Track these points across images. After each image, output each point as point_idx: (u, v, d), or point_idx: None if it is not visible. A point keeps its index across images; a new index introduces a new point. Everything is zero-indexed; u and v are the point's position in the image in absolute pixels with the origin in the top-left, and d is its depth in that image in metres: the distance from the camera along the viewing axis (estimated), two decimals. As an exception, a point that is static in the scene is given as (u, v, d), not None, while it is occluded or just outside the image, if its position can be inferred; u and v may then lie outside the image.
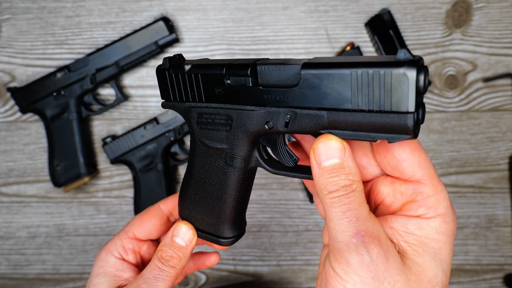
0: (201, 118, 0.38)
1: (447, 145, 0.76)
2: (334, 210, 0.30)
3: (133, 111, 0.75)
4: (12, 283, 0.79)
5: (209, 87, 0.37)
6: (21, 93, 0.72)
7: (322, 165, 0.31)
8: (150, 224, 0.45)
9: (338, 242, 0.30)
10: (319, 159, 0.31)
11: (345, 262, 0.30)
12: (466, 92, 0.74)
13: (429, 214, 0.32)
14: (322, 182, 0.30)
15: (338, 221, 0.30)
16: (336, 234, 0.30)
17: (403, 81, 0.28)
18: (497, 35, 0.73)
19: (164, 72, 0.39)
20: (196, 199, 0.42)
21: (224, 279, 0.79)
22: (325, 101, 0.31)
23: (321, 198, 0.31)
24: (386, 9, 0.72)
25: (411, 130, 0.28)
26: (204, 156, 0.40)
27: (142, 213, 0.45)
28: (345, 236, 0.29)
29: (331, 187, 0.30)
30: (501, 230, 0.77)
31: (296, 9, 0.73)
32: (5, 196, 0.78)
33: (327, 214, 0.30)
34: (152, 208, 0.45)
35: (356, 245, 0.29)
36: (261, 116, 0.34)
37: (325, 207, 0.30)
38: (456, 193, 0.77)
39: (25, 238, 0.79)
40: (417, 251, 0.32)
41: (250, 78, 0.34)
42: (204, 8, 0.73)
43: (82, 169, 0.73)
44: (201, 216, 0.43)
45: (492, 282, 0.78)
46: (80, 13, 0.73)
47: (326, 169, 0.30)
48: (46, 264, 0.79)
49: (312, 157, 0.31)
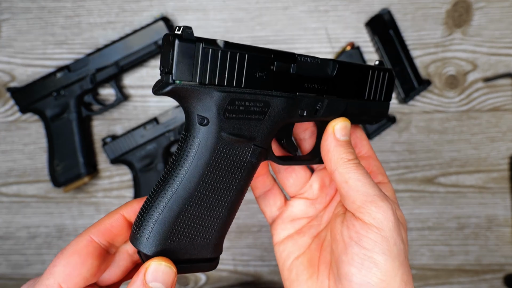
0: (232, 106, 0.33)
1: (448, 145, 0.76)
2: (359, 171, 0.35)
3: (133, 111, 0.75)
4: (12, 283, 0.79)
5: (251, 70, 0.33)
6: (21, 93, 0.72)
7: (341, 139, 0.37)
8: (84, 270, 0.31)
9: (370, 195, 0.34)
10: (338, 135, 0.37)
11: (381, 210, 0.33)
12: (466, 92, 0.74)
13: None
14: (341, 152, 0.36)
15: (365, 179, 0.35)
16: (366, 190, 0.34)
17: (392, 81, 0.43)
18: (497, 35, 0.73)
19: (190, 44, 0.30)
20: (195, 214, 0.33)
21: (224, 279, 0.79)
22: (348, 92, 0.40)
23: (340, 164, 0.36)
24: (386, 9, 0.72)
25: (387, 114, 0.44)
26: (222, 153, 0.33)
27: (67, 254, 0.32)
28: (376, 190, 0.34)
29: (350, 156, 0.36)
30: (501, 230, 0.77)
31: (296, 9, 0.73)
32: (5, 196, 0.78)
33: (351, 176, 0.35)
34: (81, 244, 0.32)
35: (385, 197, 0.34)
36: (297, 104, 0.37)
37: (348, 170, 0.35)
38: (457, 193, 0.77)
39: (25, 238, 0.79)
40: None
41: (295, 65, 0.36)
42: (204, 8, 0.73)
43: (82, 169, 0.73)
44: (193, 238, 0.33)
45: (492, 282, 0.78)
46: (80, 13, 0.73)
47: (342, 143, 0.37)
48: (46, 264, 0.79)
49: (331, 133, 0.37)
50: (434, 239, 0.78)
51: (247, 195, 0.80)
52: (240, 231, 0.78)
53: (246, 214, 0.78)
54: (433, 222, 0.77)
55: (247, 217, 0.78)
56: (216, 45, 0.31)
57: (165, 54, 0.30)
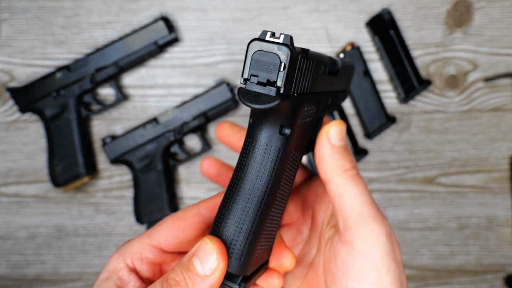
0: (304, 112, 0.33)
1: (448, 145, 0.75)
2: (357, 185, 0.31)
3: (132, 111, 0.75)
4: (11, 284, 0.79)
5: (315, 75, 0.33)
6: (20, 93, 0.71)
7: (337, 145, 0.32)
8: (184, 235, 0.33)
9: (365, 216, 0.30)
10: (333, 140, 0.33)
11: (374, 235, 0.30)
12: (466, 92, 0.74)
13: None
14: (338, 159, 0.32)
15: (363, 195, 0.31)
16: (362, 209, 0.30)
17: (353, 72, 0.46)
18: (498, 34, 0.73)
19: (296, 55, 0.29)
20: (271, 228, 0.32)
21: (224, 280, 0.79)
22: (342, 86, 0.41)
23: (337, 175, 0.31)
24: (387, 9, 0.71)
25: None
26: (293, 162, 0.34)
27: (176, 217, 0.34)
28: (371, 210, 0.30)
29: (348, 164, 0.32)
30: (502, 230, 0.77)
31: (296, 9, 0.73)
32: (4, 196, 0.77)
33: (348, 190, 0.31)
34: (190, 214, 0.34)
35: (382, 218, 0.31)
36: (322, 100, 0.37)
37: (345, 183, 0.31)
38: (457, 193, 0.77)
39: (24, 238, 0.78)
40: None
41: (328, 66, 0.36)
42: (204, 8, 0.73)
43: (81, 169, 0.73)
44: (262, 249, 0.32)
45: (493, 283, 0.78)
46: (80, 13, 0.73)
47: (339, 148, 0.32)
48: (45, 264, 0.79)
49: (325, 138, 0.32)
50: (435, 239, 0.78)
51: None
52: (240, 231, 0.78)
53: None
54: (434, 222, 0.77)
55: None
56: (307, 54, 0.30)
57: (265, 65, 0.28)
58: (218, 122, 0.75)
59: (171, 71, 0.74)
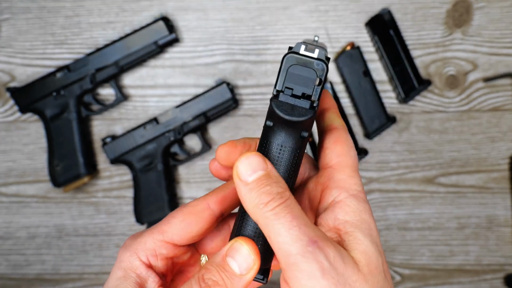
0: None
1: (448, 145, 0.75)
2: (279, 221, 0.27)
3: (133, 111, 0.75)
4: (11, 283, 0.79)
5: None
6: (20, 93, 0.72)
7: (249, 181, 0.28)
8: (196, 229, 0.33)
9: (292, 255, 0.26)
10: (245, 177, 0.28)
11: (305, 275, 0.26)
12: (466, 92, 0.74)
13: (341, 195, 0.31)
14: (254, 197, 0.28)
15: (287, 232, 0.27)
16: (288, 248, 0.26)
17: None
18: (497, 35, 0.73)
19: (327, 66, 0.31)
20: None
21: (224, 280, 0.79)
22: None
23: (258, 216, 0.28)
24: (387, 9, 0.72)
25: None
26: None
27: (186, 212, 0.34)
28: (300, 247, 0.26)
29: (265, 198, 0.27)
30: (501, 230, 0.77)
31: (296, 9, 0.73)
32: (5, 196, 0.77)
33: (271, 230, 0.27)
34: (200, 208, 0.34)
35: (313, 253, 0.26)
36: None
37: (266, 222, 0.27)
38: (457, 193, 0.77)
39: (24, 238, 0.78)
40: (358, 237, 0.29)
41: None
42: (204, 8, 0.73)
43: (81, 169, 0.73)
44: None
45: (493, 282, 0.78)
46: (80, 13, 0.73)
47: (253, 183, 0.28)
48: (45, 264, 0.79)
49: (236, 178, 0.28)
50: (434, 239, 0.78)
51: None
52: (240, 231, 0.78)
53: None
54: (433, 222, 0.77)
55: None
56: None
57: (301, 79, 0.29)
58: (218, 122, 0.75)
59: (171, 71, 0.74)
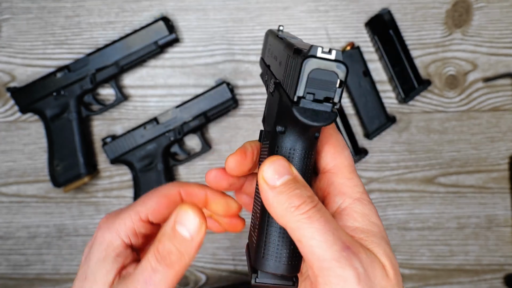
0: None
1: (447, 145, 0.76)
2: (312, 225, 0.26)
3: (133, 111, 0.75)
4: (12, 283, 0.79)
5: None
6: (20, 93, 0.72)
7: (277, 184, 0.28)
8: (167, 211, 0.35)
9: (327, 261, 0.26)
10: (272, 181, 0.28)
11: (340, 281, 0.26)
12: (466, 92, 0.74)
13: (346, 202, 0.31)
14: (284, 200, 0.27)
15: (321, 236, 0.26)
16: (322, 253, 0.26)
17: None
18: (497, 35, 0.73)
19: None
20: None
21: (224, 279, 0.79)
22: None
23: (288, 219, 0.27)
24: (386, 9, 0.72)
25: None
26: None
27: (160, 195, 0.36)
28: (335, 252, 0.26)
29: (296, 201, 0.27)
30: (501, 230, 0.77)
31: (296, 9, 0.73)
32: (5, 196, 0.78)
33: (303, 234, 0.26)
34: (173, 193, 0.36)
35: (348, 258, 0.26)
36: None
37: (297, 226, 0.27)
38: (456, 193, 0.77)
39: (25, 238, 0.79)
40: (374, 241, 0.29)
41: None
42: (204, 8, 0.73)
43: (82, 169, 0.73)
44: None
45: (493, 282, 0.78)
46: (80, 13, 0.73)
47: (282, 187, 0.27)
48: (46, 264, 0.79)
49: (263, 183, 0.28)
50: (434, 239, 0.78)
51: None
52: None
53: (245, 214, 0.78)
54: (433, 222, 0.77)
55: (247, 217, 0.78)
56: None
57: (322, 83, 0.28)
58: (218, 122, 0.75)
59: (171, 71, 0.75)
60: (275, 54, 0.36)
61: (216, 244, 0.78)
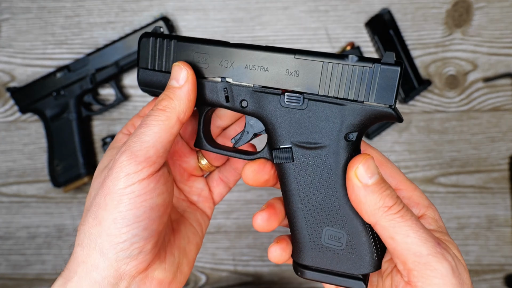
0: None
1: (448, 145, 0.75)
2: (406, 223, 0.28)
3: (133, 111, 0.75)
4: (12, 283, 0.79)
5: None
6: (20, 93, 0.72)
7: (369, 183, 0.29)
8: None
9: (423, 256, 0.28)
10: (365, 179, 0.29)
11: (438, 274, 0.28)
12: (466, 92, 0.74)
13: (422, 211, 0.33)
14: (377, 200, 0.29)
15: (416, 233, 0.28)
16: (418, 249, 0.28)
17: None
18: (497, 35, 0.73)
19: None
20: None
21: (224, 279, 0.79)
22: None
23: (379, 217, 0.29)
24: (386, 9, 0.72)
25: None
26: None
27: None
28: (430, 247, 0.28)
29: (389, 201, 0.29)
30: (501, 230, 0.77)
31: (296, 9, 0.73)
32: (5, 196, 0.78)
33: (398, 232, 0.28)
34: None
35: (442, 253, 0.28)
36: None
37: (391, 224, 0.29)
38: (457, 193, 0.77)
39: (24, 238, 0.79)
40: (449, 241, 0.32)
41: None
42: (204, 8, 0.73)
43: (81, 169, 0.73)
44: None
45: (493, 282, 0.78)
46: (80, 13, 0.73)
47: (374, 186, 0.29)
48: (45, 264, 0.79)
49: (356, 180, 0.29)
50: (434, 239, 0.78)
51: (247, 195, 0.79)
52: (240, 231, 0.78)
53: (246, 214, 0.78)
54: (433, 222, 0.77)
55: (247, 217, 0.78)
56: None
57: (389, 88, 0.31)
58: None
59: (171, 71, 0.74)
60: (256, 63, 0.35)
61: (216, 244, 0.78)
